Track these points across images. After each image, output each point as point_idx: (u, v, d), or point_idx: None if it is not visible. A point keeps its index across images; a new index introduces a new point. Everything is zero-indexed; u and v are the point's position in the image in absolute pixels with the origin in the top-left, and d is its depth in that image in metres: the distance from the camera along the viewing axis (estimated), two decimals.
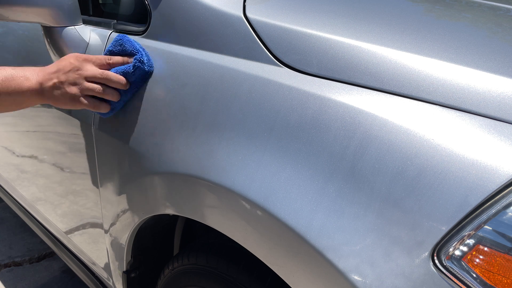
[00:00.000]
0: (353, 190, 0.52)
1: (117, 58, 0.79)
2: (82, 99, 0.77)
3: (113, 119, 0.86)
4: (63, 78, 0.76)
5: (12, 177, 1.52)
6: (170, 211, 0.78)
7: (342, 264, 0.51)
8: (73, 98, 0.76)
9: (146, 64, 0.78)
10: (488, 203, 0.45)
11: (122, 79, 0.77)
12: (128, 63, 0.78)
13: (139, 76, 0.78)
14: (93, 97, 0.78)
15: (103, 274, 1.14)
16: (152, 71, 0.79)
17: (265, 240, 0.61)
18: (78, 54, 0.80)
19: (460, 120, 0.50)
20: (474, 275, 0.45)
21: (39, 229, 1.51)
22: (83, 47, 0.95)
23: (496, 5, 0.87)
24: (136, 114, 0.81)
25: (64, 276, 1.76)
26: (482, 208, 0.45)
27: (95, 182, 0.96)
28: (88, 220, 1.08)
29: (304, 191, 0.56)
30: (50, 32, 0.92)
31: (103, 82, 0.77)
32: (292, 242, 0.56)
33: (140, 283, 1.03)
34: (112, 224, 0.96)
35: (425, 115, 0.51)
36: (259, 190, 0.60)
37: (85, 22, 0.96)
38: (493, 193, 0.45)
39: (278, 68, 0.64)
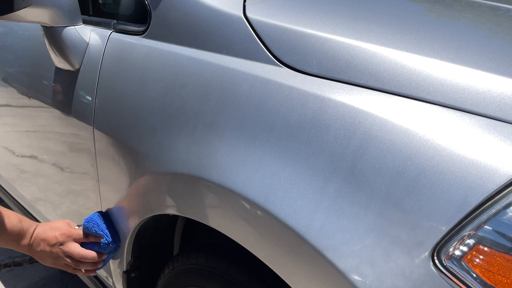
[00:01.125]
0: (353, 190, 0.52)
1: (93, 238, 0.95)
2: (63, 266, 0.95)
3: (113, 119, 0.86)
4: (47, 249, 0.92)
5: (12, 177, 1.52)
6: (170, 211, 0.78)
7: (342, 264, 0.51)
8: (55, 264, 0.94)
9: (116, 241, 0.94)
10: (488, 203, 0.45)
11: (95, 257, 0.93)
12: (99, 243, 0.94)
13: (111, 252, 0.96)
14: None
15: (103, 274, 1.14)
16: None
17: (265, 240, 0.61)
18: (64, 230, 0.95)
19: (460, 120, 0.50)
20: (474, 275, 0.45)
21: None
22: (83, 47, 0.95)
23: (496, 5, 0.87)
24: (136, 114, 0.81)
25: (64, 276, 1.76)
26: (482, 208, 0.45)
27: (95, 182, 0.96)
28: None
29: (304, 191, 0.56)
30: (50, 32, 0.92)
31: (79, 259, 0.93)
32: (292, 242, 0.56)
33: (140, 283, 1.03)
34: None
35: (425, 115, 0.51)
36: (259, 190, 0.60)
37: (85, 22, 0.96)
38: (493, 193, 0.45)
39: (278, 68, 0.64)
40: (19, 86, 1.25)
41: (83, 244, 0.94)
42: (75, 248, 0.92)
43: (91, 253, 0.92)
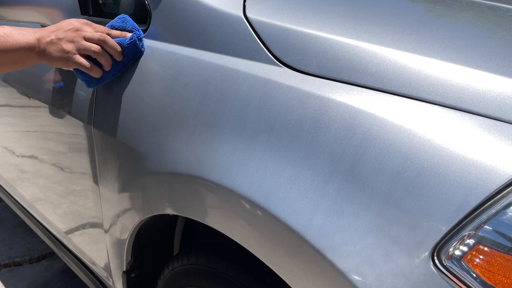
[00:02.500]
0: (353, 190, 0.52)
1: (116, 32, 0.81)
2: (77, 56, 0.77)
3: (113, 119, 0.86)
4: (61, 35, 0.77)
5: (12, 177, 1.52)
6: (170, 211, 0.78)
7: (342, 264, 0.51)
8: (68, 54, 0.77)
9: (140, 44, 0.81)
10: (488, 203, 0.45)
11: (118, 46, 0.79)
12: (125, 37, 0.81)
13: (131, 52, 0.81)
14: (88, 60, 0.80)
15: (103, 274, 1.14)
16: (143, 52, 0.82)
17: (265, 240, 0.61)
18: (80, 19, 0.81)
19: (460, 120, 0.50)
20: (474, 275, 0.45)
21: (39, 229, 1.51)
22: None
23: (496, 5, 0.87)
24: (136, 114, 0.81)
25: (64, 276, 1.77)
26: (482, 208, 0.45)
27: (95, 182, 0.96)
28: (88, 220, 1.08)
29: (304, 191, 0.56)
30: None
31: (100, 44, 0.78)
32: (292, 242, 0.56)
33: (140, 283, 1.03)
34: (112, 224, 0.96)
35: (425, 115, 0.51)
36: (259, 190, 0.60)
37: None
38: (493, 193, 0.45)
39: (278, 68, 0.64)
40: (19, 86, 1.25)
41: None
42: (96, 32, 0.79)
43: (113, 41, 0.80)
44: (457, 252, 0.46)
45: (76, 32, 0.77)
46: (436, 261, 0.46)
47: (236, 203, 0.63)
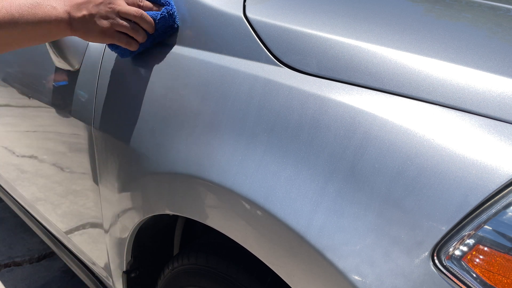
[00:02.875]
0: (353, 190, 0.52)
1: (148, 3, 0.77)
2: (114, 33, 0.74)
3: (113, 119, 0.86)
4: (94, 10, 0.72)
5: (12, 177, 1.52)
6: (170, 211, 0.78)
7: (342, 264, 0.51)
8: (104, 32, 0.74)
9: (173, 18, 0.78)
10: (488, 203, 0.45)
11: (152, 22, 0.76)
12: (157, 11, 0.77)
13: (162, 27, 0.78)
14: (121, 34, 0.76)
15: (103, 274, 1.14)
16: (177, 28, 0.79)
17: (265, 240, 0.61)
18: None
19: (460, 120, 0.50)
20: (474, 275, 0.45)
21: (39, 229, 1.51)
22: (83, 47, 0.95)
23: (496, 5, 0.87)
24: (136, 114, 0.81)
25: (64, 276, 1.76)
26: (482, 208, 0.45)
27: (95, 182, 0.96)
28: (88, 220, 1.08)
29: (304, 191, 0.56)
30: None
31: (136, 21, 0.75)
32: (292, 242, 0.56)
33: (140, 283, 1.03)
34: (112, 224, 0.96)
35: (425, 115, 0.51)
36: (259, 190, 0.60)
37: None
38: (493, 193, 0.45)
39: (278, 68, 0.64)
40: (19, 86, 1.25)
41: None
42: (130, 6, 0.75)
43: (148, 3, 0.77)
44: (457, 252, 0.46)
45: (109, 6, 0.73)
46: (436, 261, 0.46)
47: (236, 203, 0.63)
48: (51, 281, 1.74)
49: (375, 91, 0.56)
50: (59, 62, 0.98)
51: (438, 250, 0.46)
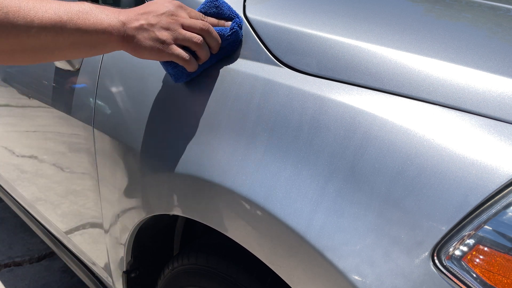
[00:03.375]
0: (353, 190, 0.52)
1: (212, 19, 0.69)
2: (174, 47, 0.64)
3: (113, 119, 0.86)
4: (153, 20, 0.63)
5: (12, 177, 1.52)
6: (170, 211, 0.78)
7: (342, 264, 0.51)
8: (162, 44, 0.63)
9: (241, 33, 0.70)
10: (488, 203, 0.45)
11: (219, 38, 0.67)
12: (223, 26, 0.69)
13: (232, 43, 0.69)
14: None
15: (103, 274, 1.14)
16: (241, 42, 0.71)
17: (265, 240, 0.61)
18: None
19: (460, 120, 0.50)
20: (474, 275, 0.45)
21: (39, 229, 1.51)
22: None
23: (496, 5, 0.87)
24: (136, 114, 0.81)
25: (64, 276, 1.76)
26: (482, 208, 0.45)
27: (95, 182, 0.96)
28: (88, 220, 1.08)
29: (304, 191, 0.56)
30: None
31: (202, 34, 0.66)
32: (292, 242, 0.56)
33: (140, 283, 1.03)
34: (112, 224, 0.96)
35: (425, 115, 0.51)
36: (259, 190, 0.60)
37: None
38: (493, 193, 0.45)
39: (278, 68, 0.64)
40: (19, 86, 1.25)
41: None
42: (197, 19, 0.66)
43: (212, 19, 0.68)
44: (457, 252, 0.46)
45: (172, 18, 0.64)
46: (436, 261, 0.46)
47: (236, 203, 0.63)
48: (51, 281, 1.74)
49: (375, 91, 0.56)
50: (59, 62, 0.98)
51: (438, 250, 0.46)
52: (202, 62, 0.69)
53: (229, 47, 0.70)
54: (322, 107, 0.57)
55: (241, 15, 0.71)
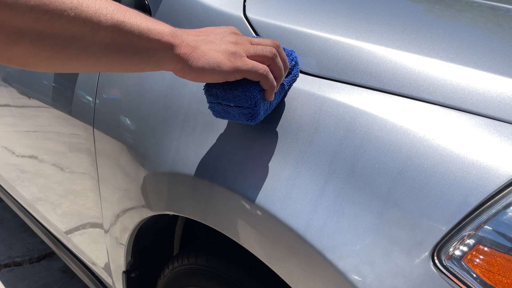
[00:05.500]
0: (353, 190, 0.52)
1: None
2: (247, 59, 0.52)
3: (113, 119, 0.86)
4: (217, 34, 0.53)
5: (12, 177, 1.52)
6: (170, 211, 0.78)
7: (342, 264, 0.51)
8: (234, 55, 0.51)
9: (297, 68, 0.62)
10: (488, 203, 0.45)
11: (286, 58, 0.57)
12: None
13: (292, 77, 0.61)
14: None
15: (103, 274, 1.14)
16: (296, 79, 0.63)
17: (265, 240, 0.61)
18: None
19: (460, 120, 0.50)
20: (474, 275, 0.45)
21: (39, 229, 1.51)
22: None
23: (496, 5, 0.87)
24: (136, 114, 0.81)
25: (64, 276, 1.76)
26: (482, 208, 0.45)
27: (95, 182, 0.96)
28: (88, 220, 1.08)
29: (304, 191, 0.56)
30: None
31: (279, 51, 0.55)
32: (292, 242, 0.56)
33: (140, 283, 1.03)
34: (112, 224, 0.96)
35: (425, 115, 0.51)
36: (259, 190, 0.60)
37: None
38: (493, 193, 0.45)
39: None
40: (19, 86, 1.25)
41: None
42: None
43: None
44: (457, 252, 0.46)
45: (236, 34, 0.54)
46: (436, 261, 0.46)
47: (236, 203, 0.63)
48: (51, 281, 1.74)
49: (375, 91, 0.56)
50: None
51: (438, 250, 0.46)
52: (278, 83, 0.56)
53: (288, 81, 0.61)
54: (322, 107, 0.57)
55: (241, 15, 0.72)
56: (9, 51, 0.39)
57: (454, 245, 0.46)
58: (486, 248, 0.45)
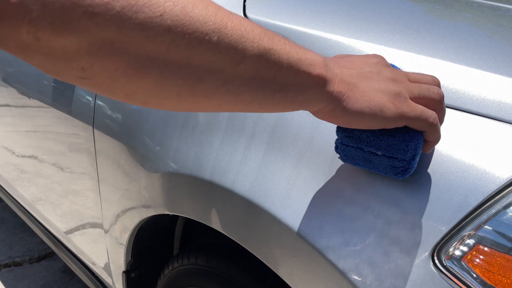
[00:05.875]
0: (353, 190, 0.52)
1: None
2: (413, 102, 0.43)
3: (113, 119, 0.86)
4: (373, 67, 0.44)
5: (12, 177, 1.52)
6: (170, 211, 0.78)
7: (342, 264, 0.51)
8: (398, 97, 0.41)
9: None
10: (488, 203, 0.45)
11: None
12: None
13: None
14: None
15: (103, 274, 1.14)
16: None
17: (265, 240, 0.61)
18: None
19: (460, 120, 0.50)
20: (474, 275, 0.45)
21: (39, 229, 1.51)
22: None
23: (496, 5, 0.87)
24: (136, 114, 0.81)
25: (64, 276, 1.76)
26: (482, 208, 0.45)
27: (95, 182, 0.96)
28: (88, 220, 1.08)
29: (304, 191, 0.56)
30: None
31: (441, 98, 0.45)
32: (292, 242, 0.56)
33: (140, 283, 1.03)
34: (112, 224, 0.96)
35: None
36: (259, 190, 0.60)
37: None
38: (493, 193, 0.45)
39: None
40: (19, 86, 1.25)
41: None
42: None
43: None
44: (457, 252, 0.46)
45: (390, 68, 0.45)
46: (436, 261, 0.46)
47: (236, 203, 0.63)
48: (51, 281, 1.74)
49: None
50: None
51: (438, 250, 0.46)
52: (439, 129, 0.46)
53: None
54: None
55: (241, 14, 0.71)
56: (131, 85, 0.31)
57: (454, 245, 0.46)
58: (486, 248, 0.45)
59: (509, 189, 0.44)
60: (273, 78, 0.36)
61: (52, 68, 0.29)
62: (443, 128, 0.49)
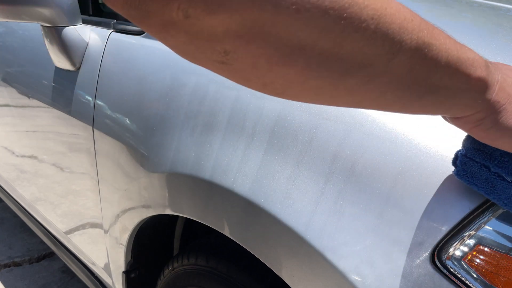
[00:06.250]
0: (353, 190, 0.52)
1: None
2: None
3: (113, 119, 0.86)
4: None
5: (12, 177, 1.52)
6: (170, 211, 0.78)
7: (342, 264, 0.51)
8: None
9: None
10: (488, 203, 0.45)
11: None
12: None
13: None
14: None
15: (102, 274, 1.14)
16: None
17: (265, 240, 0.61)
18: None
19: None
20: (474, 275, 0.45)
21: (38, 229, 1.51)
22: (83, 47, 0.94)
23: (496, 5, 0.87)
24: (136, 114, 0.80)
25: (64, 276, 1.76)
26: (482, 208, 0.45)
27: (95, 182, 0.96)
28: (88, 220, 1.08)
29: (304, 191, 0.56)
30: (50, 32, 0.92)
31: None
32: (292, 242, 0.56)
33: (140, 283, 1.03)
34: (112, 224, 0.95)
35: (425, 115, 0.51)
36: (259, 190, 0.60)
37: (85, 22, 0.96)
38: None
39: None
40: (19, 86, 1.25)
41: None
42: None
43: None
44: (457, 253, 0.46)
45: None
46: (436, 262, 0.46)
47: (236, 203, 0.63)
48: (51, 281, 1.74)
49: None
50: (59, 62, 0.98)
51: (438, 250, 0.46)
52: None
53: None
54: (322, 107, 0.57)
55: None
56: (272, 73, 0.27)
57: (454, 245, 0.46)
58: (486, 248, 0.45)
59: None
60: (426, 78, 0.31)
61: (191, 49, 0.26)
62: (443, 128, 0.49)
